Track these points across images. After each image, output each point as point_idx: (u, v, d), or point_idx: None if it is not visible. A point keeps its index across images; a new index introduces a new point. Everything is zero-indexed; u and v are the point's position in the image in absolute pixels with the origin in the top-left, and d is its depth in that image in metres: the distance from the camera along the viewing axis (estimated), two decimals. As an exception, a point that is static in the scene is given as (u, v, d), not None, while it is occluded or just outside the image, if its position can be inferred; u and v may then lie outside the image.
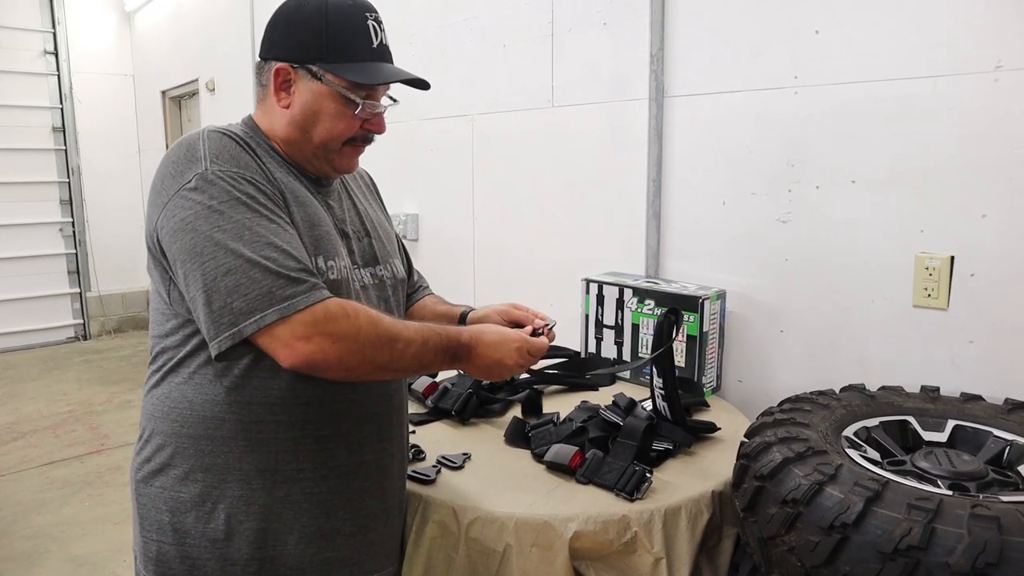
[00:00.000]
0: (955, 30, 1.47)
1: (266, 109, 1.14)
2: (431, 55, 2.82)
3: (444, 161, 2.85)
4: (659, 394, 1.49)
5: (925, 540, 0.93)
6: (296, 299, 0.94)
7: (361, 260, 1.18)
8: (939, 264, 1.52)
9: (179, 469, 1.08)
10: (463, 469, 1.37)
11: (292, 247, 0.99)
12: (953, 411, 1.36)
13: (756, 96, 1.80)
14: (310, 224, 1.08)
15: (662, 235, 2.06)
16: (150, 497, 1.09)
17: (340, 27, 1.09)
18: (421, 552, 1.24)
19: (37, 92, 5.81)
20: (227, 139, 1.04)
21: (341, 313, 0.97)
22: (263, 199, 1.01)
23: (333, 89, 1.09)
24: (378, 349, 0.99)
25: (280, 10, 1.14)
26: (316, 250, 1.07)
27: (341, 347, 0.96)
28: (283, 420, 1.07)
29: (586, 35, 2.22)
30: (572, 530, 1.16)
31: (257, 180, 1.02)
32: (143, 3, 5.95)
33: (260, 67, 1.14)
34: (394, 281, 1.25)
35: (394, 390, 1.21)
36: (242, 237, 0.96)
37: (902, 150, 1.57)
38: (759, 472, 1.15)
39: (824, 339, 1.73)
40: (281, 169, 1.10)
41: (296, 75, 1.10)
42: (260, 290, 0.94)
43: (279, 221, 1.01)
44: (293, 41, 1.10)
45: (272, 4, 1.16)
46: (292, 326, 0.94)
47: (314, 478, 1.10)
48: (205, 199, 0.98)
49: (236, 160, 1.02)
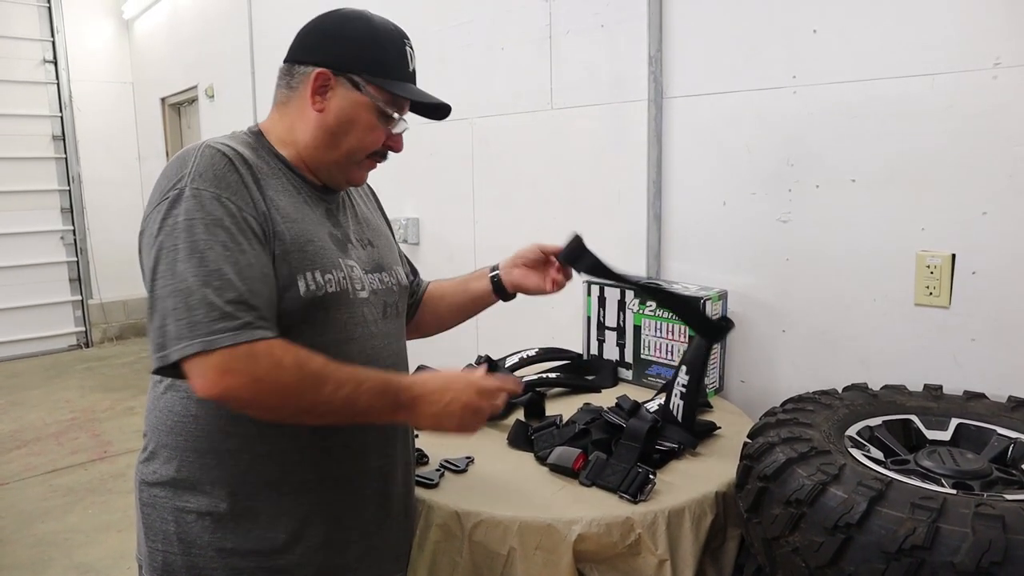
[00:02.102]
0: (953, 27, 1.47)
1: (288, 112, 1.14)
2: (430, 59, 2.81)
3: (444, 165, 2.85)
4: (679, 391, 1.48)
5: (929, 540, 0.92)
6: (223, 335, 0.93)
7: (369, 266, 1.19)
8: (940, 262, 1.52)
9: (186, 482, 1.07)
10: (466, 472, 1.37)
11: (242, 277, 0.97)
12: (956, 409, 1.35)
13: (755, 96, 1.80)
14: (305, 240, 1.07)
15: (663, 236, 2.06)
16: (155, 507, 1.09)
17: (385, 45, 1.14)
18: (425, 556, 1.24)
19: (37, 101, 5.83)
20: (219, 156, 1.03)
21: (265, 353, 0.95)
22: (229, 222, 0.99)
23: (371, 101, 1.12)
24: (302, 392, 0.97)
25: (323, 20, 1.15)
26: (312, 265, 1.06)
27: (258, 387, 0.94)
28: (288, 432, 1.07)
29: (584, 37, 2.22)
30: (576, 533, 1.16)
31: (232, 202, 1.00)
32: (141, 11, 5.97)
33: (290, 70, 1.14)
34: (399, 288, 1.26)
35: None
36: (191, 259, 0.95)
37: (901, 148, 1.57)
38: (762, 473, 1.14)
39: (826, 338, 1.73)
40: (280, 182, 1.10)
41: (336, 82, 1.11)
42: (192, 318, 0.93)
43: (242, 247, 0.99)
44: (339, 50, 1.12)
45: (270, 9, 1.17)
46: (210, 360, 0.92)
47: (320, 488, 1.10)
48: (175, 215, 0.98)
49: (219, 180, 1.01)
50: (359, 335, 1.13)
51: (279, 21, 3.88)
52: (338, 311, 1.10)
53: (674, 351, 1.82)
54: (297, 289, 1.04)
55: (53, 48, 5.84)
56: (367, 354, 1.13)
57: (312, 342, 1.04)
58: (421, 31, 2.85)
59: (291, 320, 1.04)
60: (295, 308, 1.04)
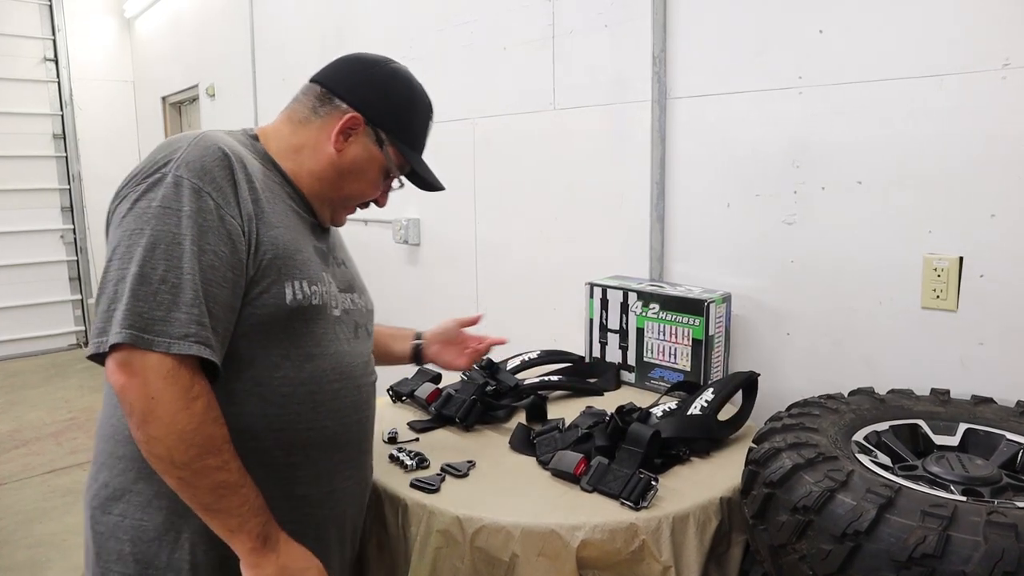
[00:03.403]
0: (961, 28, 1.46)
1: (303, 133, 1.14)
2: (431, 58, 2.81)
3: (445, 165, 2.81)
4: (700, 404, 1.51)
5: (940, 548, 0.91)
6: (160, 339, 0.90)
7: (343, 285, 1.19)
8: (948, 265, 1.51)
9: (141, 496, 1.02)
10: (468, 477, 1.35)
11: (203, 279, 0.94)
12: (964, 414, 1.34)
13: (760, 97, 1.79)
14: (293, 249, 1.06)
15: (666, 238, 2.04)
16: (109, 526, 1.04)
17: (418, 115, 1.21)
18: (426, 562, 1.22)
19: (37, 99, 5.82)
20: (215, 150, 1.00)
21: (185, 381, 0.91)
22: (204, 219, 0.95)
23: (385, 159, 1.16)
24: (187, 442, 0.91)
25: (373, 66, 1.18)
26: (300, 275, 1.05)
27: (148, 406, 0.90)
28: (251, 448, 1.01)
29: (587, 37, 2.20)
30: (579, 539, 1.15)
31: (213, 198, 0.97)
32: (143, 9, 5.96)
33: (323, 96, 1.15)
34: (368, 311, 1.27)
35: (366, 416, 1.21)
36: (155, 250, 0.92)
37: (909, 150, 1.55)
38: (769, 479, 1.13)
39: (831, 342, 1.72)
40: (276, 190, 1.09)
41: (363, 130, 1.14)
42: (137, 309, 0.90)
43: (209, 247, 0.95)
44: (379, 103, 1.15)
45: (271, 9, 1.16)
46: (133, 356, 0.90)
47: (282, 507, 1.04)
48: (150, 198, 0.95)
49: (205, 173, 0.98)
50: (333, 351, 1.12)
51: (280, 21, 3.87)
52: (316, 324, 1.08)
53: (677, 354, 1.81)
54: (284, 296, 1.02)
55: (54, 46, 5.83)
56: (340, 371, 1.12)
57: (289, 353, 1.04)
58: (424, 30, 2.84)
59: (273, 328, 1.03)
60: (280, 315, 1.03)
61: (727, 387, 1.58)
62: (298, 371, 1.06)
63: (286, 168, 1.13)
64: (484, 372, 1.75)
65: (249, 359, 1.03)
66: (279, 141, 1.14)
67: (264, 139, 1.14)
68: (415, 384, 1.74)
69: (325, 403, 1.11)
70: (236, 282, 0.99)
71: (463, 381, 1.72)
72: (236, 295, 0.99)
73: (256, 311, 1.02)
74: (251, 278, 1.01)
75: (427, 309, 3.03)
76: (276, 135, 1.15)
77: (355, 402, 1.17)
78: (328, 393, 1.11)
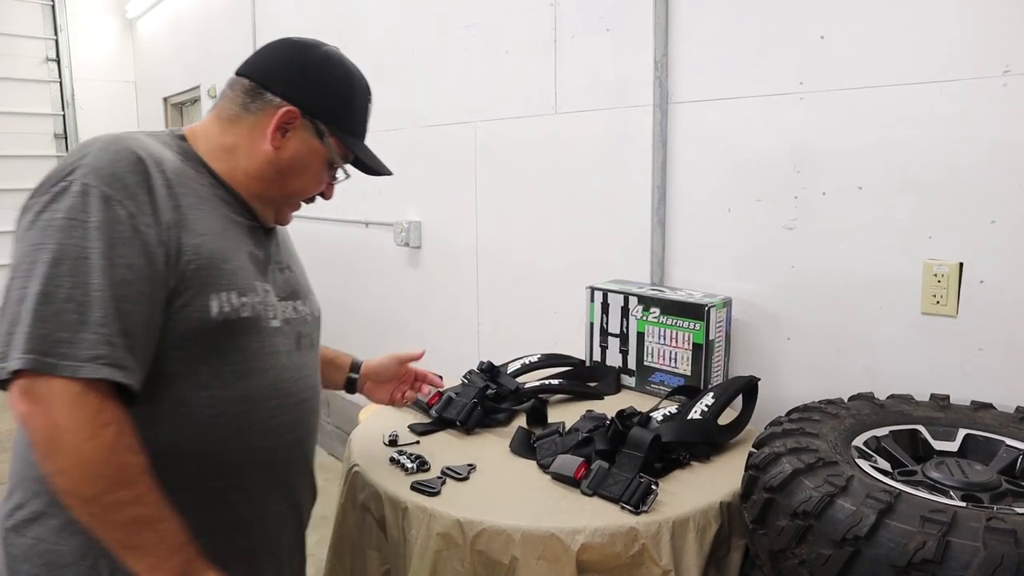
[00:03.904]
0: (963, 35, 1.46)
1: (235, 132, 1.07)
2: (433, 62, 2.81)
3: (447, 168, 2.84)
4: (701, 409, 1.51)
5: (940, 554, 0.91)
6: (66, 362, 0.83)
7: (284, 293, 1.12)
8: (948, 271, 1.51)
9: (56, 519, 0.94)
10: (468, 480, 1.35)
11: (114, 296, 0.87)
12: (964, 420, 1.34)
13: (761, 102, 1.79)
14: (223, 258, 0.99)
15: (667, 242, 2.05)
16: (23, 549, 0.96)
17: (358, 101, 1.13)
18: (426, 565, 1.22)
19: (39, 99, 5.82)
20: (126, 153, 0.93)
21: (93, 408, 0.84)
22: (114, 229, 0.88)
23: (327, 151, 1.10)
24: (94, 474, 0.84)
25: (303, 53, 1.10)
26: (229, 286, 0.98)
27: (55, 436, 0.83)
28: (175, 471, 0.95)
29: (589, 41, 2.21)
30: (579, 542, 1.15)
31: (125, 206, 0.90)
32: (145, 10, 5.97)
33: (253, 91, 1.07)
34: (313, 318, 1.18)
35: (306, 434, 1.14)
36: (60, 266, 0.85)
37: (909, 156, 1.55)
38: (768, 484, 1.13)
39: (831, 347, 1.72)
40: (203, 194, 1.01)
41: (300, 123, 1.07)
42: (40, 331, 0.83)
43: (121, 260, 0.88)
44: (314, 93, 1.08)
45: (273, 10, 1.16)
46: (36, 383, 0.83)
47: (208, 532, 0.97)
48: (54, 209, 0.88)
49: (115, 179, 0.90)
50: (270, 366, 1.04)
51: (281, 22, 3.88)
52: (249, 338, 1.01)
53: (677, 359, 1.81)
54: (209, 310, 0.96)
55: (56, 46, 5.84)
56: (278, 388, 1.06)
57: (217, 370, 0.98)
58: (424, 34, 2.85)
59: (198, 344, 0.96)
60: (205, 330, 0.96)
61: (727, 392, 1.58)
62: (229, 390, 1.00)
63: (218, 169, 1.06)
64: (485, 375, 1.75)
65: (173, 377, 0.96)
66: (208, 141, 1.07)
67: (192, 139, 1.07)
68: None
69: (259, 422, 1.04)
70: (154, 296, 0.92)
71: (464, 384, 1.73)
72: (156, 310, 0.92)
73: (179, 326, 0.95)
74: (172, 290, 0.94)
75: (427, 312, 3.04)
76: (205, 135, 1.08)
77: (293, 420, 1.10)
78: (263, 412, 1.04)
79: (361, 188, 3.34)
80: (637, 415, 1.49)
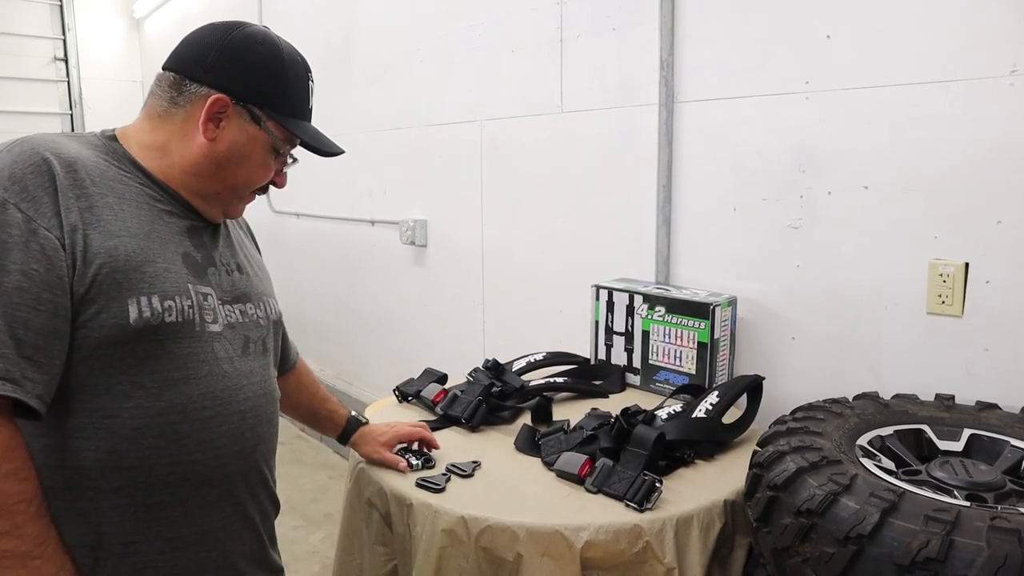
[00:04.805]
0: (968, 34, 1.46)
1: (166, 128, 1.03)
2: (439, 61, 2.82)
3: (453, 167, 2.85)
4: (705, 407, 1.51)
5: (943, 553, 0.91)
6: None
7: (229, 296, 1.06)
8: (953, 271, 1.51)
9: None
10: (473, 477, 1.36)
11: (9, 303, 0.83)
12: (968, 420, 1.34)
13: (767, 101, 1.79)
14: (144, 260, 0.93)
15: (672, 241, 2.05)
16: None
17: (292, 80, 1.06)
18: (430, 561, 1.23)
19: (47, 98, 5.84)
20: (30, 155, 0.90)
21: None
22: (7, 236, 0.85)
23: (268, 137, 1.03)
24: None
25: (225, 35, 1.03)
26: (149, 289, 0.93)
27: None
28: (103, 487, 0.91)
29: (595, 40, 2.21)
30: (584, 540, 1.15)
31: (23, 210, 0.86)
32: (152, 10, 5.99)
33: (178, 84, 1.02)
34: (267, 322, 1.12)
35: (252, 446, 1.06)
36: None
37: (915, 155, 1.55)
38: (773, 482, 1.13)
39: (836, 346, 1.72)
40: (128, 193, 0.97)
41: (233, 111, 1.01)
42: None
43: (15, 266, 0.84)
44: (243, 77, 1.01)
45: (280, 11, 1.16)
46: None
47: (148, 551, 0.95)
48: None
49: (15, 182, 0.87)
50: (205, 374, 0.99)
51: (288, 22, 3.89)
52: (177, 344, 0.96)
53: (682, 357, 1.81)
54: (126, 315, 0.90)
55: (64, 46, 5.86)
56: (216, 395, 1.00)
57: (141, 380, 0.93)
58: (430, 32, 2.85)
59: (118, 352, 0.91)
60: (123, 337, 0.91)
61: (732, 390, 1.58)
62: (155, 400, 0.94)
63: (151, 168, 1.01)
64: (490, 373, 1.76)
65: (92, 388, 0.92)
66: (140, 140, 1.03)
67: (124, 139, 1.04)
68: (421, 384, 1.75)
69: (192, 434, 0.98)
70: (57, 303, 0.87)
71: (469, 382, 1.73)
72: (59, 317, 0.87)
73: (93, 334, 0.90)
74: (82, 296, 0.89)
75: (433, 310, 3.05)
76: (136, 134, 1.04)
77: (235, 430, 1.03)
78: (196, 423, 0.98)
79: (367, 187, 3.35)
80: (642, 413, 1.50)
